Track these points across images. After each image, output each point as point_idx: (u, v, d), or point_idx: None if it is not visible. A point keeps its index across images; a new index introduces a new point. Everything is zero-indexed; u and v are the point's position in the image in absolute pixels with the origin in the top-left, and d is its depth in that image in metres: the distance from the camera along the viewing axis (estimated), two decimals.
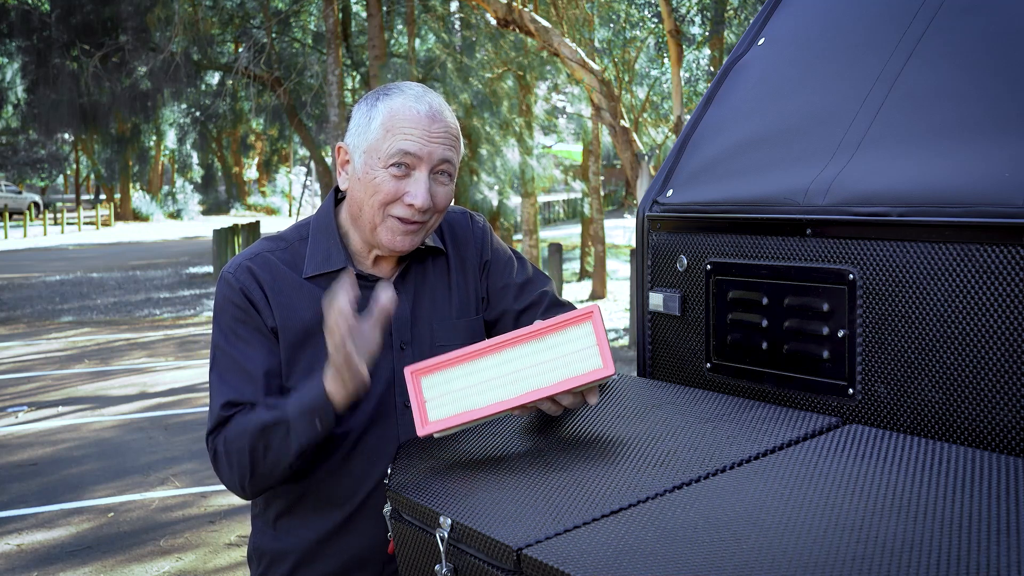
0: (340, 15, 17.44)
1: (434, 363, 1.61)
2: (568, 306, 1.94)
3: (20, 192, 41.08)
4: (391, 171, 1.71)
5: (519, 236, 19.46)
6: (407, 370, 1.61)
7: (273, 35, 19.15)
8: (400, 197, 1.72)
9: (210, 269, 20.54)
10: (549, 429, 1.64)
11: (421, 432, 1.58)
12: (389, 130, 1.72)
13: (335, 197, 1.88)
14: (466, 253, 1.93)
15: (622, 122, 9.50)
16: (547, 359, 1.55)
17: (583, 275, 18.85)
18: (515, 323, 1.91)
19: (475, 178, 16.85)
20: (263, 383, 1.74)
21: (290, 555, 1.82)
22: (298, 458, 1.68)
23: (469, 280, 1.92)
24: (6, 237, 31.25)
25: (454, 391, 1.58)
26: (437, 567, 1.40)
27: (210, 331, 2.14)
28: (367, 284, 1.81)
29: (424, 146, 1.71)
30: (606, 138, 21.90)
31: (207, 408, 1.82)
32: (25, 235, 32.40)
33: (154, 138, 36.74)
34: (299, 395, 1.68)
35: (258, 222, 22.72)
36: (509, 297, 1.92)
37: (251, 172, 49.22)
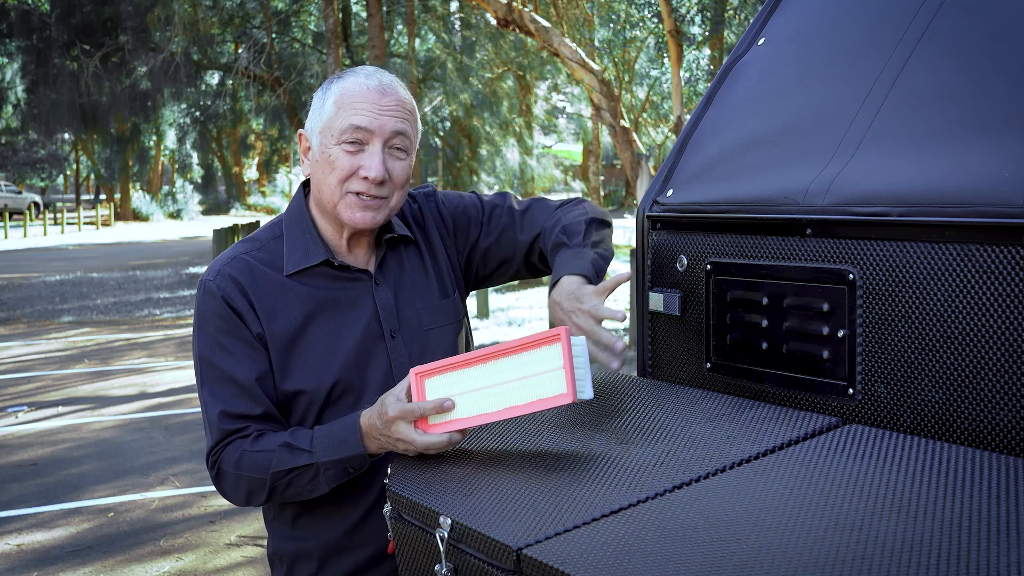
0: (340, 15, 17.44)
1: (436, 367, 1.61)
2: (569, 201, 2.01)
3: (20, 192, 41.09)
4: (345, 147, 1.73)
5: None
6: (412, 372, 1.62)
7: (273, 35, 19.16)
8: (355, 172, 1.74)
9: None
10: (549, 429, 1.64)
11: (424, 436, 1.59)
12: (341, 107, 1.74)
13: (303, 191, 1.89)
14: (430, 232, 1.95)
15: (622, 122, 9.50)
16: (523, 375, 1.54)
17: None
18: (528, 250, 1.97)
19: (475, 178, 16.86)
20: (256, 391, 1.75)
21: (315, 552, 1.84)
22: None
23: (440, 258, 1.94)
24: (6, 237, 31.26)
25: (452, 397, 1.58)
26: (437, 567, 1.40)
27: None
28: (347, 275, 1.82)
29: (375, 119, 1.73)
30: (606, 138, 21.91)
31: None
32: (25, 235, 32.39)
33: (154, 138, 36.74)
34: (334, 446, 1.69)
35: (258, 222, 22.71)
36: (508, 234, 1.98)
37: (251, 172, 49.22)
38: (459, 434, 1.57)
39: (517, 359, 1.55)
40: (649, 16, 14.72)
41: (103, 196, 45.15)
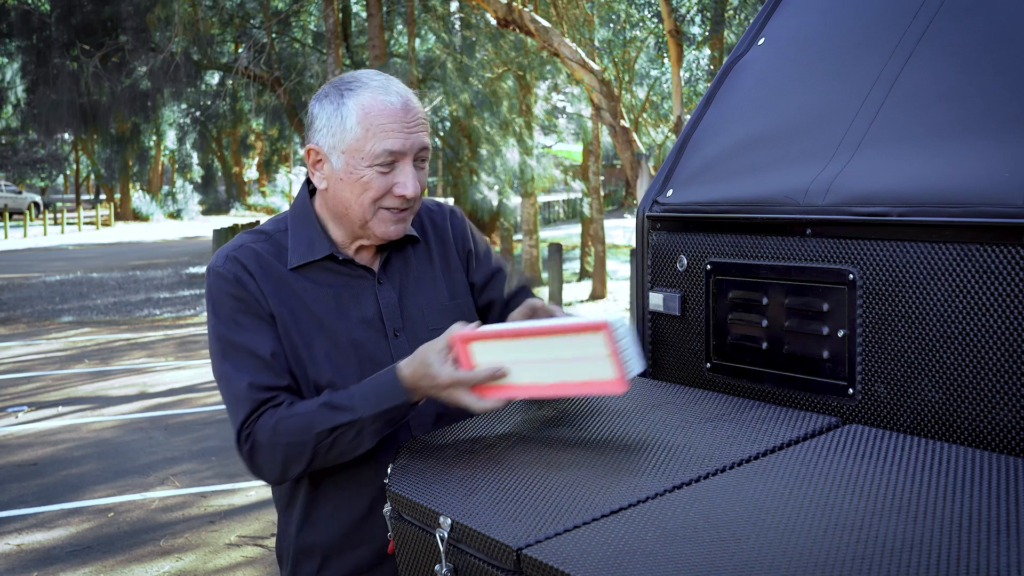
0: (340, 15, 17.45)
1: (479, 333, 1.61)
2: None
3: (20, 192, 41.06)
4: (378, 168, 1.73)
5: (519, 236, 19.47)
6: (455, 336, 1.62)
7: (273, 35, 19.15)
8: (390, 190, 1.74)
9: None
10: (549, 429, 1.64)
11: (480, 401, 1.61)
12: (368, 129, 1.72)
13: (308, 187, 1.89)
14: (446, 242, 1.96)
15: (622, 122, 9.50)
16: (571, 356, 1.55)
17: (583, 275, 18.85)
18: (503, 310, 1.96)
19: (475, 178, 16.86)
20: (278, 364, 1.74)
21: (318, 548, 1.83)
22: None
23: (452, 266, 1.95)
24: (6, 237, 31.25)
25: (501, 364, 1.59)
26: (437, 567, 1.40)
27: None
28: (351, 271, 1.82)
29: (406, 140, 1.74)
30: (606, 138, 21.91)
31: (207, 408, 1.82)
32: (25, 235, 32.39)
33: (154, 138, 36.74)
34: (375, 399, 1.68)
35: (258, 222, 22.66)
36: (499, 287, 1.99)
37: (251, 172, 49.20)
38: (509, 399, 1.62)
39: (563, 340, 1.56)
40: (649, 16, 14.72)
41: (103, 196, 45.14)
